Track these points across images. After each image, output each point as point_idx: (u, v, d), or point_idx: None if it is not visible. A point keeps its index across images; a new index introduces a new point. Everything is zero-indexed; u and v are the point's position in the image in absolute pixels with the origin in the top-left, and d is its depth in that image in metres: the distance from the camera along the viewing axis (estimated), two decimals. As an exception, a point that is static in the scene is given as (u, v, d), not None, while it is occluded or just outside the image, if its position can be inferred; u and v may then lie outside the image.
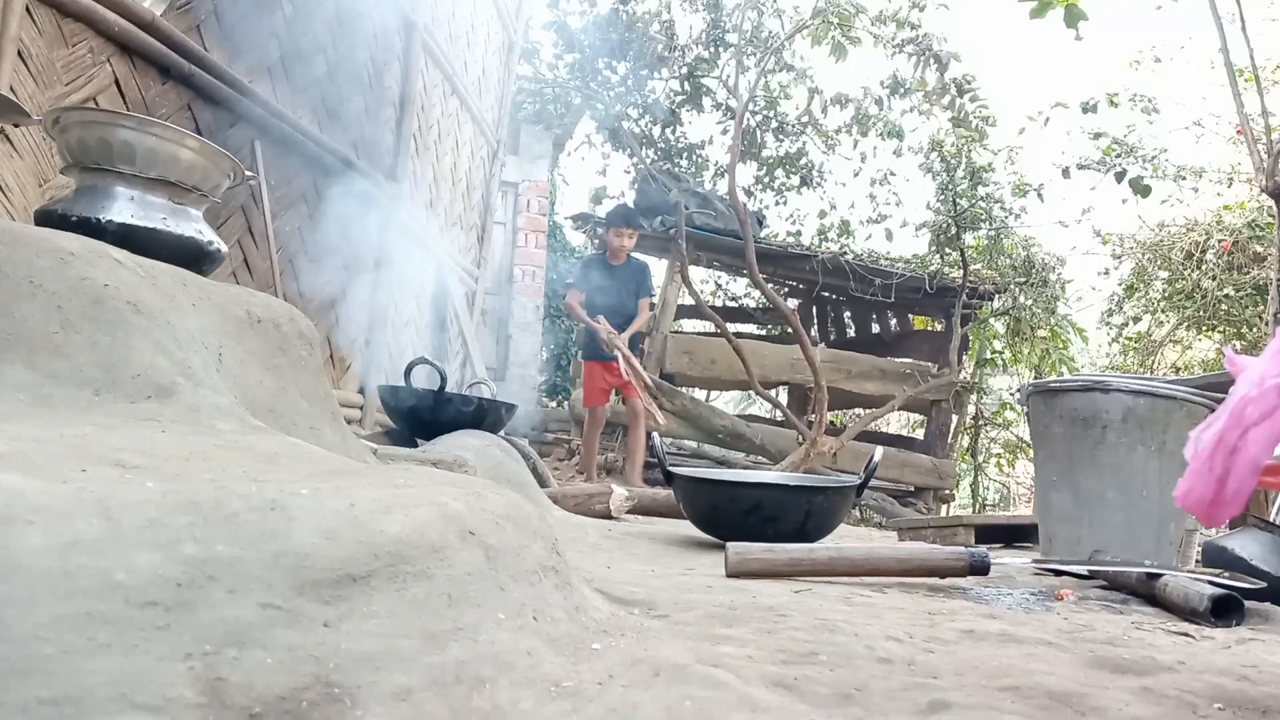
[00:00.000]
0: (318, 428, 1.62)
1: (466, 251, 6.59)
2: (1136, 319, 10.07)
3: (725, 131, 9.48)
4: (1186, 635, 1.42)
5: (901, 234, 12.14)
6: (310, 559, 0.77)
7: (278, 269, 3.61)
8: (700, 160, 9.69)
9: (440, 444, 2.85)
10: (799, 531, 2.46)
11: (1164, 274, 9.61)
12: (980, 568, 1.79)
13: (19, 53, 2.29)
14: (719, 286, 11.19)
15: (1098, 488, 2.30)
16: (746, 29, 8.57)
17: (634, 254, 5.88)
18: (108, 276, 1.27)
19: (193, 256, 1.65)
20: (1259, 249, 8.56)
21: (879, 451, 2.75)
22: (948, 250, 8.41)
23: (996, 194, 8.35)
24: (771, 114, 9.46)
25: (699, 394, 8.02)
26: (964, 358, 8.70)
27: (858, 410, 9.27)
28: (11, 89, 2.26)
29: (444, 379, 3.15)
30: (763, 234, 8.34)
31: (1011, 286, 8.77)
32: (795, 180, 9.80)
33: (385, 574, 0.81)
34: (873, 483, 3.70)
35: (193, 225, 1.68)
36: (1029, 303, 8.96)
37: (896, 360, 8.24)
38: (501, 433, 3.37)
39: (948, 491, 8.32)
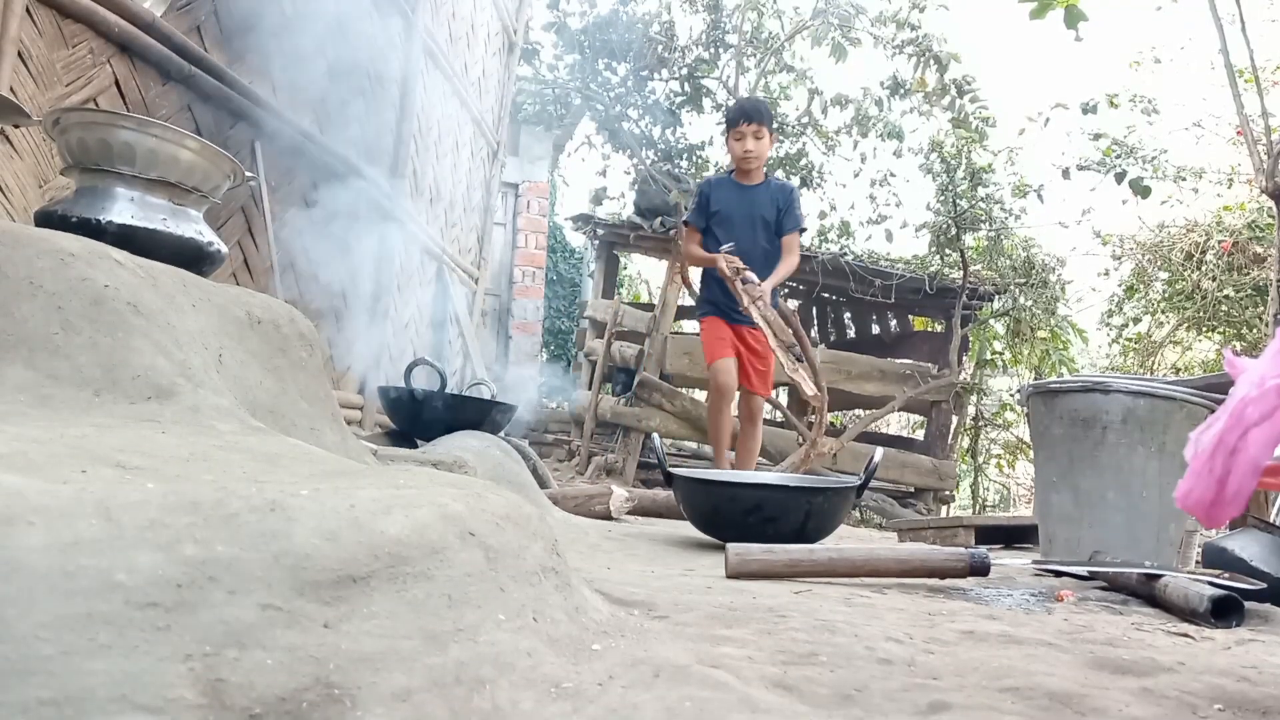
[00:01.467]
0: (318, 428, 1.62)
1: (466, 252, 6.59)
2: (1136, 320, 10.08)
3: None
4: (1186, 636, 1.42)
5: (901, 235, 12.14)
6: (310, 560, 0.77)
7: (278, 270, 3.61)
8: (700, 161, 9.69)
9: (440, 445, 2.85)
10: (799, 532, 2.45)
11: (1164, 275, 9.62)
12: (980, 568, 1.79)
13: (19, 53, 2.29)
14: (720, 287, 11.16)
15: (1098, 488, 2.30)
16: (746, 30, 8.58)
17: (775, 177, 4.28)
18: (108, 277, 1.27)
19: (193, 257, 1.65)
20: (1259, 250, 8.56)
21: (879, 452, 2.74)
22: (948, 251, 8.41)
23: (996, 195, 8.35)
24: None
25: (699, 394, 8.00)
26: (964, 359, 8.70)
27: (858, 411, 9.27)
28: (11, 90, 2.26)
29: (444, 379, 3.14)
30: (763, 235, 8.31)
31: (1011, 287, 8.77)
32: (795, 181, 9.80)
33: (385, 575, 0.81)
34: (873, 483, 3.68)
35: (193, 226, 1.68)
36: (1029, 304, 8.96)
37: (896, 361, 8.23)
38: (501, 433, 3.36)
39: (948, 492, 8.31)
